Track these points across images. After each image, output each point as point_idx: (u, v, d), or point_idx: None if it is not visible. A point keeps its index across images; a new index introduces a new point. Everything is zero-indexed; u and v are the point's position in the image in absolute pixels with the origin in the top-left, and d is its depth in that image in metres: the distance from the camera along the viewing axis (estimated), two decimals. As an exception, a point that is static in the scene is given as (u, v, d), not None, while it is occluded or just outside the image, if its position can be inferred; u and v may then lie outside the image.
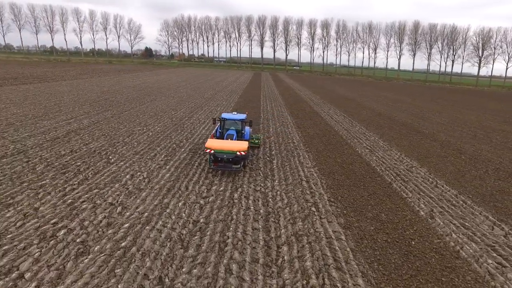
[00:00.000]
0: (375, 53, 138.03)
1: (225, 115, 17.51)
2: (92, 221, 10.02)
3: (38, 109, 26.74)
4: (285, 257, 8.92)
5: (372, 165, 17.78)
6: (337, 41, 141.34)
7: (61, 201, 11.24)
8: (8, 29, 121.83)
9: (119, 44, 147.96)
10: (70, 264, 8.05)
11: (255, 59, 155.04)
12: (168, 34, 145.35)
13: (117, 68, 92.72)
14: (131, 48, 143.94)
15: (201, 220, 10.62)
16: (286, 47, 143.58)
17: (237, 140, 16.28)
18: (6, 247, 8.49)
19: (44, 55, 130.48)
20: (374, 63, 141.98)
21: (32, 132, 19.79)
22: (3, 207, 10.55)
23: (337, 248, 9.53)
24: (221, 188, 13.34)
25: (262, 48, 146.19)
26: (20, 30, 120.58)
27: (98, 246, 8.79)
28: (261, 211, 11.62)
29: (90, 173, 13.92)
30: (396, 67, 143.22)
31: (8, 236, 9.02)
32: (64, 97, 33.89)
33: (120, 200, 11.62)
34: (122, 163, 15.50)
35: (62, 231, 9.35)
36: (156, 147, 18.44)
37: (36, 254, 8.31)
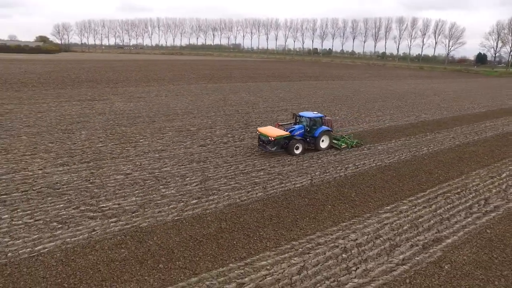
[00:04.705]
0: None
1: (302, 113, 21.43)
2: (217, 135, 22.11)
3: (288, 95, 42.17)
4: (239, 167, 16.54)
5: (442, 172, 16.97)
6: None
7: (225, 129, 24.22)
8: (346, 40, 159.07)
9: (434, 49, 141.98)
10: (188, 139, 20.52)
11: None
12: (498, 37, 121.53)
13: (411, 74, 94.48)
14: (447, 53, 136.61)
15: (225, 154, 19.32)
16: None
17: (305, 134, 20.17)
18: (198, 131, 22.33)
19: (371, 59, 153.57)
20: None
21: (270, 106, 34.74)
22: (206, 129, 24.83)
23: (285, 183, 15.66)
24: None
25: None
26: (353, 40, 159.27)
27: (202, 142, 20.69)
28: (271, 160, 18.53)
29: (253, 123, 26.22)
30: None
31: (193, 128, 22.92)
32: (319, 92, 47.38)
33: (232, 133, 22.97)
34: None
35: (202, 140, 22.08)
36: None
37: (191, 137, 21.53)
